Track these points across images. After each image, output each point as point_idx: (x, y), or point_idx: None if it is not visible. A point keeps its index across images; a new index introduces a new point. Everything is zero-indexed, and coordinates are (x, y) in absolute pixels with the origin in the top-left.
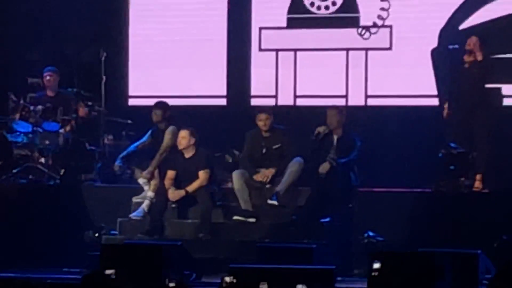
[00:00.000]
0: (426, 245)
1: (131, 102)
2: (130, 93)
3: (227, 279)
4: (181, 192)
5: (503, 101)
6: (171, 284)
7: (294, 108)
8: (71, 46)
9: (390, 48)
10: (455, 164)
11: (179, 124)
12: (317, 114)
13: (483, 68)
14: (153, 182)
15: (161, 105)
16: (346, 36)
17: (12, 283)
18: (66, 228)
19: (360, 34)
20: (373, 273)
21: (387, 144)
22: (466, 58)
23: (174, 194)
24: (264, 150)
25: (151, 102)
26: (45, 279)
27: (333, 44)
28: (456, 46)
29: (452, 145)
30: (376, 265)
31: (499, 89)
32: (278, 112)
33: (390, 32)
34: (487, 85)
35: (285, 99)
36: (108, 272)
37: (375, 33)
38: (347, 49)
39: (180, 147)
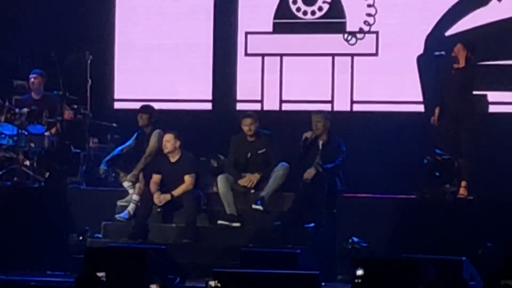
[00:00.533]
0: (410, 252)
1: (117, 105)
2: (116, 96)
3: (212, 283)
4: (167, 196)
5: (489, 107)
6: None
7: (279, 113)
8: (57, 49)
9: (376, 54)
10: (440, 170)
11: (164, 128)
12: (303, 119)
13: (468, 75)
14: (137, 186)
15: (146, 109)
16: (332, 41)
17: None
18: (50, 231)
19: (346, 40)
20: (356, 280)
21: (372, 150)
22: (455, 65)
23: (160, 198)
24: (249, 155)
25: (136, 105)
26: (29, 282)
27: (319, 50)
28: (443, 52)
29: (438, 151)
30: (360, 272)
31: (485, 96)
32: (263, 117)
33: (376, 38)
34: (474, 92)
35: (271, 104)
36: (99, 274)
37: (361, 38)
38: (333, 55)
39: (166, 150)
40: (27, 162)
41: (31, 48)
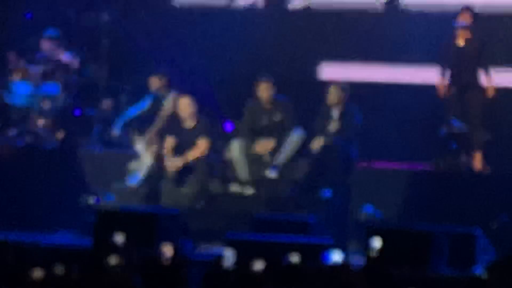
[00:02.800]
0: (424, 222)
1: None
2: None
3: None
4: (181, 160)
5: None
6: (168, 252)
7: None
8: (73, 7)
9: None
10: (456, 142)
11: (178, 91)
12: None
13: (476, 46)
14: (151, 149)
15: (159, 73)
16: None
17: (5, 247)
18: (61, 193)
19: None
20: (372, 252)
21: (388, 119)
22: (462, 34)
23: (173, 163)
24: (264, 122)
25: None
26: (39, 242)
27: None
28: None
29: (455, 122)
30: (377, 243)
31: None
32: None
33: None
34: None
35: None
36: (117, 237)
37: None
38: None
39: (183, 114)
40: (41, 122)
41: (47, 6)
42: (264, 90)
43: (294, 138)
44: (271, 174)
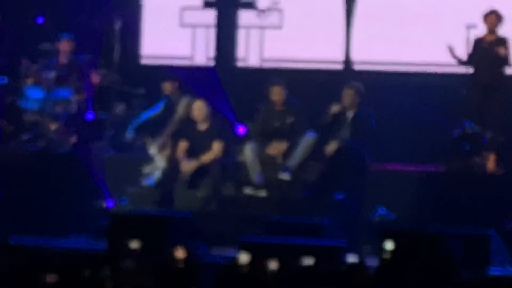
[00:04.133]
0: (437, 224)
1: (144, 70)
2: (144, 62)
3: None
4: (195, 163)
5: None
6: (181, 255)
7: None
8: (85, 13)
9: None
10: (469, 143)
11: (190, 94)
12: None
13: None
14: (164, 153)
15: (171, 77)
16: None
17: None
18: (75, 197)
19: None
20: (385, 255)
21: (400, 121)
22: (487, 37)
23: (187, 166)
24: (276, 125)
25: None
26: (52, 246)
27: None
28: (474, 23)
29: (468, 124)
30: (389, 246)
31: None
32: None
33: None
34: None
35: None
36: (132, 243)
37: None
38: None
39: (196, 118)
40: (53, 127)
41: (60, 12)
42: (277, 93)
43: (306, 140)
44: (284, 176)
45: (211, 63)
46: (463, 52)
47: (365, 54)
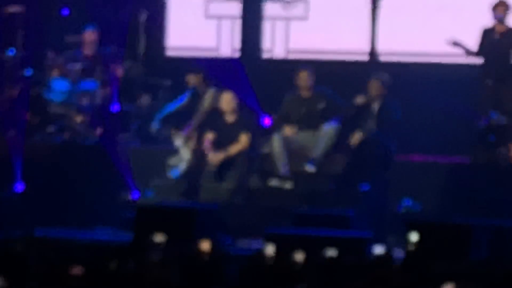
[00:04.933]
0: (463, 216)
1: (170, 62)
2: (169, 53)
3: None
4: (221, 155)
5: None
6: (206, 247)
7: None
8: (111, 4)
9: None
10: (494, 134)
11: (215, 85)
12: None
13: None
14: (189, 145)
15: (195, 69)
16: None
17: (45, 243)
18: (100, 189)
19: None
20: (411, 246)
21: (425, 112)
22: (497, 27)
23: (215, 158)
24: (303, 111)
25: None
26: (78, 239)
27: None
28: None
29: (493, 115)
30: (415, 237)
31: None
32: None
33: None
34: None
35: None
36: (158, 237)
37: None
38: None
39: (225, 110)
40: (79, 119)
41: (85, 4)
42: (303, 79)
43: (328, 131)
44: (310, 168)
45: (237, 55)
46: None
47: (391, 45)
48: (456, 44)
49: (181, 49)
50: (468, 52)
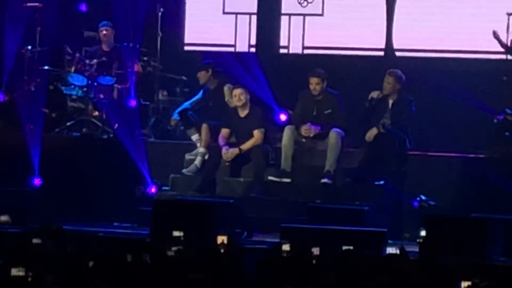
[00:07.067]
0: (478, 211)
1: (186, 57)
2: (186, 48)
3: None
4: (235, 151)
5: None
6: (223, 241)
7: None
8: (128, 0)
9: None
10: (510, 130)
11: (226, 81)
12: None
13: None
14: (205, 140)
15: (204, 66)
16: None
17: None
18: (118, 183)
19: None
20: (419, 240)
21: (441, 108)
22: None
23: (228, 153)
24: (314, 112)
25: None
26: (97, 232)
27: None
28: None
29: (508, 111)
30: (422, 232)
31: None
32: None
33: None
34: None
35: None
36: (176, 233)
37: None
38: None
39: (237, 104)
40: (96, 114)
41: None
42: (316, 84)
43: (331, 140)
44: (327, 182)
45: (253, 50)
46: (503, 39)
47: (406, 41)
48: (496, 36)
49: (198, 44)
50: (504, 46)
